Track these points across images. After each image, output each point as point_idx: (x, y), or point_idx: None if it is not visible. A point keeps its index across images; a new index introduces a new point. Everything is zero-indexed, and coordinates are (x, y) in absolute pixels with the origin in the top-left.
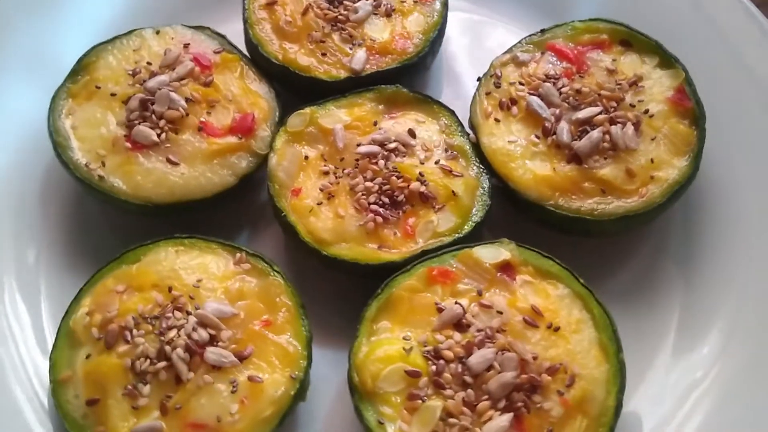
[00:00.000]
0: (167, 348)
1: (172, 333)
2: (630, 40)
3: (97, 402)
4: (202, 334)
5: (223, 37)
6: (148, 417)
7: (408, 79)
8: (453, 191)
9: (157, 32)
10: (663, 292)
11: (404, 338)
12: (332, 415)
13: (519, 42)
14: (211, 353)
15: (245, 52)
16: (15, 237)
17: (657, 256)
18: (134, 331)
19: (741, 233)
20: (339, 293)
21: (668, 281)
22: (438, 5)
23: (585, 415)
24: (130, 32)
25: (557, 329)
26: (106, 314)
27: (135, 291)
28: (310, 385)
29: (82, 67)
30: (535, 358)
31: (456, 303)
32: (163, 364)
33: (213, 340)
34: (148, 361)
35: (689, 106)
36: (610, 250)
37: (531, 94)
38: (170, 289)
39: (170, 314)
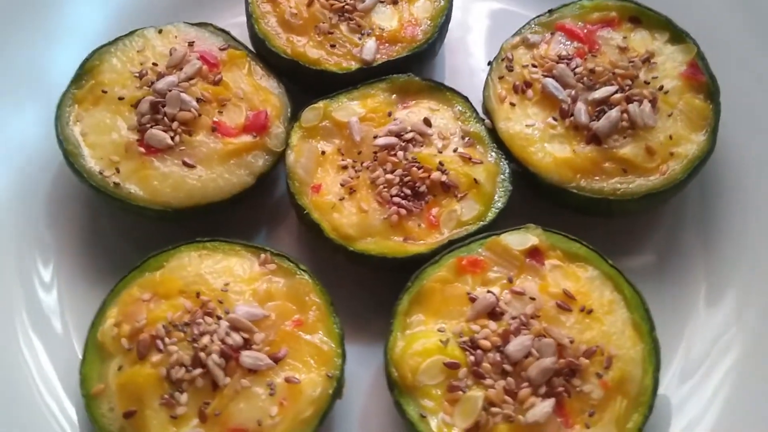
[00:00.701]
0: (202, 354)
1: (206, 339)
2: (639, 16)
3: (134, 414)
4: (236, 338)
5: (227, 32)
6: (187, 425)
7: (418, 66)
8: (475, 179)
9: (160, 31)
10: (685, 267)
11: (439, 330)
12: (367, 409)
13: (527, 23)
14: (247, 357)
15: (250, 47)
16: (30, 253)
17: (676, 232)
18: (166, 340)
19: (757, 201)
20: (362, 286)
21: (689, 256)
22: None
23: (624, 395)
24: (132, 33)
25: (590, 312)
26: (134, 324)
27: (161, 298)
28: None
29: (85, 72)
30: (571, 342)
31: (488, 292)
32: (199, 371)
33: (247, 344)
34: (184, 368)
35: (703, 81)
36: (629, 228)
37: (545, 76)
38: (198, 295)
39: (201, 320)
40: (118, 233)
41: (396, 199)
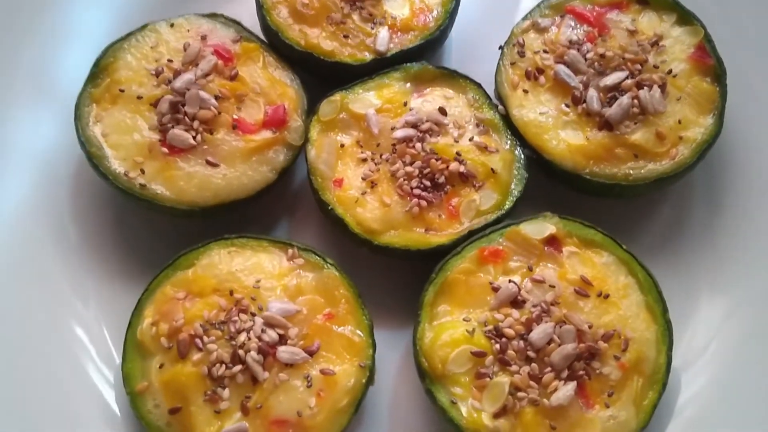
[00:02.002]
0: (240, 352)
1: (243, 337)
2: None
3: (179, 410)
4: (272, 334)
5: (238, 23)
6: (231, 419)
7: (430, 53)
8: (492, 168)
9: (171, 25)
10: (692, 244)
11: (464, 320)
12: (397, 392)
13: (537, 6)
14: (284, 352)
15: (261, 35)
16: (59, 253)
17: (683, 209)
18: (205, 338)
19: (761, 181)
20: (385, 272)
21: (696, 234)
22: None
23: (640, 374)
24: (143, 27)
25: (607, 296)
26: (172, 323)
27: (196, 297)
28: None
29: (101, 70)
30: (590, 327)
31: (510, 281)
32: (239, 367)
33: (282, 339)
34: (224, 366)
35: (710, 64)
36: (638, 207)
37: (557, 62)
38: (231, 293)
39: (236, 318)
40: (144, 229)
41: (416, 191)
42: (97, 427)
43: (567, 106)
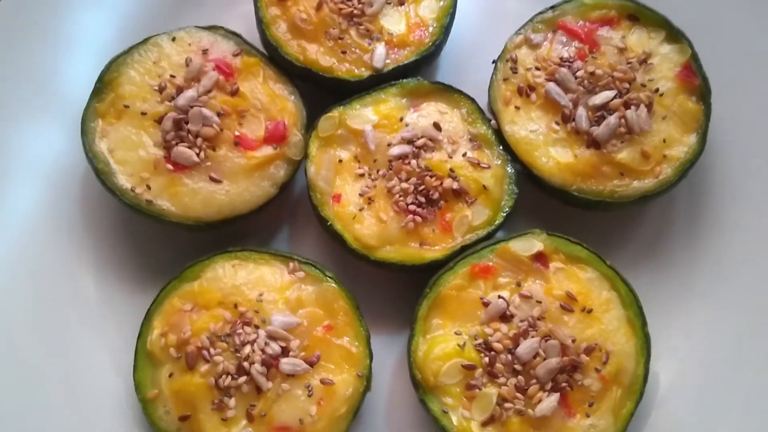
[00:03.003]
0: (245, 364)
1: (247, 349)
2: (637, 14)
3: (188, 417)
4: (275, 347)
5: (238, 36)
6: (237, 426)
7: (425, 67)
8: (483, 185)
9: (173, 39)
10: (671, 256)
11: (456, 333)
12: (392, 396)
13: (530, 20)
14: (286, 364)
15: (260, 46)
16: (68, 264)
17: (664, 223)
18: (211, 350)
19: (740, 198)
20: (381, 281)
21: (676, 246)
22: None
23: (619, 385)
24: (146, 41)
25: (590, 311)
26: (180, 335)
27: (202, 309)
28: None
29: (105, 84)
30: (573, 341)
31: (499, 297)
32: (244, 378)
33: (284, 351)
34: (230, 377)
35: (696, 83)
36: (621, 219)
37: (548, 80)
38: (236, 306)
39: (241, 330)
40: (151, 238)
41: (412, 207)
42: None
43: (557, 123)
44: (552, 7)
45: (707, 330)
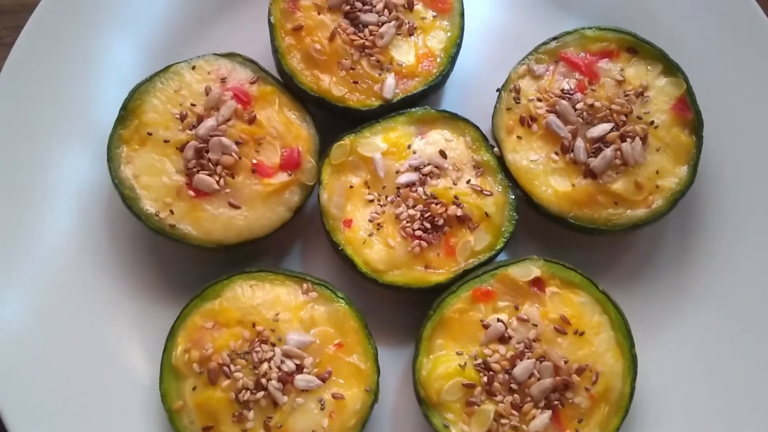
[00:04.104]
0: (263, 380)
1: (265, 366)
2: (636, 47)
3: (211, 428)
4: (290, 364)
5: (254, 63)
6: None
7: (432, 95)
8: (486, 212)
9: (193, 67)
10: (661, 279)
11: (457, 353)
12: (398, 405)
13: (533, 51)
14: (301, 380)
15: (275, 72)
16: (102, 286)
17: (654, 247)
18: (231, 367)
19: (728, 226)
20: (388, 298)
21: (664, 270)
22: (456, 17)
23: (607, 403)
24: (166, 69)
25: (582, 334)
26: (202, 351)
27: (222, 327)
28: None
29: (129, 112)
30: (566, 362)
31: (498, 320)
32: (261, 393)
33: (299, 368)
34: (249, 392)
35: (690, 117)
36: (614, 243)
37: (549, 111)
38: (254, 325)
39: (258, 348)
40: (175, 258)
41: (418, 233)
42: None
43: (556, 154)
44: (554, 38)
45: (692, 350)
